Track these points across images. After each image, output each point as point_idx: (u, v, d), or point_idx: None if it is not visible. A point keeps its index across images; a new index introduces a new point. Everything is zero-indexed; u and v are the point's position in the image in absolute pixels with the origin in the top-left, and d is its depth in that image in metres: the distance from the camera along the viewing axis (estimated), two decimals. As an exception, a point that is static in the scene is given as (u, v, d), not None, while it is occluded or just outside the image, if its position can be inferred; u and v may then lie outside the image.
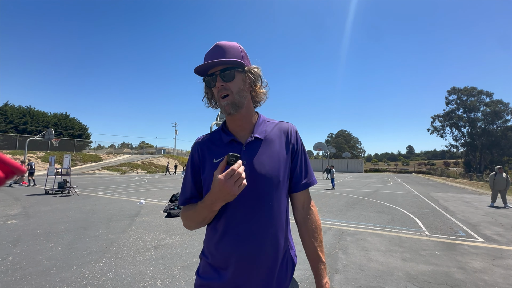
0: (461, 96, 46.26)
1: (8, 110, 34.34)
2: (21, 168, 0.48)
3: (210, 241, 0.90)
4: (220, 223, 0.87)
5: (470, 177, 35.33)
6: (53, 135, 20.72)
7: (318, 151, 29.50)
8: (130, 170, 29.31)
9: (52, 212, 6.50)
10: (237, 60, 0.85)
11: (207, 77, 0.89)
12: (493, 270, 3.35)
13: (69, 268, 3.14)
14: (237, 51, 0.88)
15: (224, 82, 0.86)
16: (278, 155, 0.91)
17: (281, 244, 0.88)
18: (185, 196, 0.96)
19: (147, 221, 5.70)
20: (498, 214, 7.54)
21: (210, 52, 0.88)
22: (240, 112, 0.90)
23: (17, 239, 4.23)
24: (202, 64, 0.85)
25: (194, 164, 0.96)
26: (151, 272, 3.08)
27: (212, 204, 0.80)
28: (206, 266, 0.90)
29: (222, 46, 0.87)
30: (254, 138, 0.91)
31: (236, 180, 0.74)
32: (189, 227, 0.93)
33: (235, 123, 0.93)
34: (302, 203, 0.96)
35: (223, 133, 0.95)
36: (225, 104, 0.86)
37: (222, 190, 0.75)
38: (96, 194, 10.13)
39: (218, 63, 0.84)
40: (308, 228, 0.94)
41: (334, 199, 10.08)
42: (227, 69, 0.86)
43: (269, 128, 0.96)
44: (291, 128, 0.98)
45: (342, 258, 3.67)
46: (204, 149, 0.95)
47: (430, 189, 15.78)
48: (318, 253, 0.92)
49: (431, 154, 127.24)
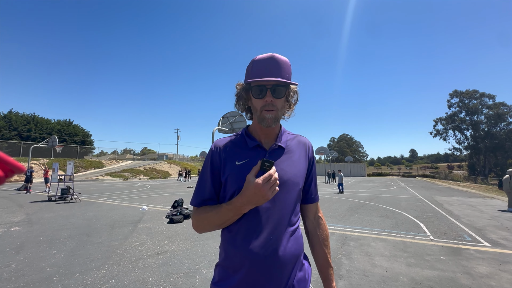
0: (463, 99, 46.19)
1: (12, 117, 34.80)
2: (21, 166, 0.47)
3: (229, 244, 0.89)
4: (241, 226, 0.87)
5: (474, 181, 34.98)
6: (57, 142, 20.93)
7: (320, 155, 29.35)
8: (132, 176, 29.38)
9: (55, 218, 6.52)
10: (293, 82, 0.89)
11: (256, 86, 0.88)
12: (500, 275, 3.29)
13: (72, 275, 3.13)
14: (289, 69, 0.90)
15: (274, 98, 0.87)
16: (298, 165, 0.96)
17: (300, 244, 0.93)
18: (202, 197, 0.93)
19: (149, 227, 5.70)
20: (504, 218, 7.44)
21: (265, 62, 0.88)
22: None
23: (20, 246, 4.24)
24: (262, 79, 0.84)
25: (215, 165, 0.93)
26: (153, 279, 3.07)
27: (241, 207, 0.81)
28: (222, 272, 0.89)
29: (278, 61, 0.87)
30: (278, 147, 0.95)
31: (272, 185, 0.77)
32: (202, 229, 0.91)
33: (263, 131, 0.95)
34: (314, 214, 1.04)
35: (248, 137, 0.96)
36: (270, 117, 0.88)
37: (257, 193, 0.76)
38: (98, 201, 10.15)
39: (275, 81, 0.85)
40: (320, 236, 1.01)
41: (337, 203, 10.02)
42: (280, 86, 0.87)
43: (289, 139, 1.01)
44: (308, 142, 1.05)
45: (346, 263, 3.63)
46: (226, 150, 0.94)
47: (434, 193, 15.62)
48: (328, 259, 0.99)
49: (435, 158, 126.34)
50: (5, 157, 0.46)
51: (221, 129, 9.55)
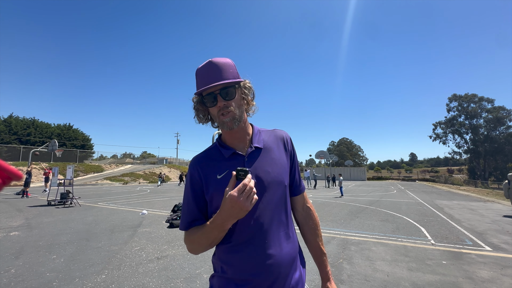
0: (462, 102, 46.36)
1: (12, 121, 34.85)
2: (18, 173, 0.46)
3: (223, 255, 0.88)
4: (233, 235, 0.86)
5: (475, 184, 34.91)
6: (57, 146, 20.93)
7: (320, 159, 29.31)
8: (132, 180, 29.29)
9: (55, 223, 6.49)
10: (238, 80, 0.89)
11: (206, 95, 0.88)
12: (502, 279, 3.28)
13: (71, 280, 3.11)
14: (233, 68, 0.90)
15: (226, 101, 0.87)
16: (279, 162, 0.95)
17: (296, 244, 0.94)
18: (188, 219, 0.91)
19: (149, 231, 5.67)
20: (505, 222, 7.41)
21: (205, 71, 0.88)
22: (239, 126, 0.91)
23: (20, 251, 4.21)
24: (206, 88, 0.84)
25: (195, 184, 0.92)
26: (153, 284, 3.05)
27: (223, 223, 0.78)
28: (221, 282, 0.87)
29: (217, 64, 0.87)
30: (255, 148, 0.93)
31: (249, 195, 0.73)
32: (195, 251, 0.89)
33: (234, 136, 0.94)
34: (302, 205, 1.04)
35: (222, 147, 0.95)
36: (228, 120, 0.87)
37: (235, 207, 0.73)
38: (98, 205, 10.11)
39: (220, 85, 0.85)
40: (310, 226, 1.02)
41: (338, 207, 9.98)
42: (227, 88, 0.87)
43: (265, 136, 0.99)
44: (286, 135, 1.03)
45: (347, 268, 3.61)
46: (204, 167, 0.92)
47: (435, 196, 15.57)
48: (321, 247, 1.01)
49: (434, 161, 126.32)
50: (3, 164, 0.45)
51: (221, 133, 9.55)
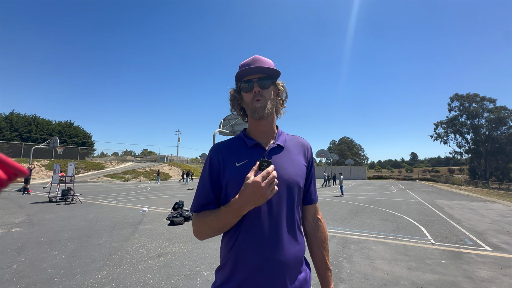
0: (464, 102, 46.12)
1: (13, 118, 34.88)
2: (23, 170, 0.46)
3: (230, 248, 0.87)
4: (242, 228, 0.85)
5: (475, 184, 34.86)
6: (58, 143, 20.99)
7: (321, 158, 29.32)
8: (133, 177, 29.36)
9: (56, 220, 6.53)
10: (276, 69, 0.93)
11: (243, 83, 0.94)
12: (501, 279, 3.29)
13: (73, 276, 3.14)
14: (273, 67, 0.95)
15: (261, 89, 0.92)
16: (298, 164, 0.96)
17: (302, 245, 0.93)
18: (201, 202, 0.92)
19: (150, 229, 5.70)
20: (504, 222, 7.42)
21: (248, 61, 0.96)
22: (267, 119, 0.94)
23: (21, 247, 4.24)
24: (246, 68, 0.91)
25: (213, 169, 0.93)
26: (154, 280, 3.07)
27: (240, 208, 0.78)
28: (224, 275, 0.87)
29: (261, 59, 0.95)
30: (277, 145, 0.95)
31: (271, 183, 0.75)
32: (203, 235, 0.89)
33: (260, 129, 0.96)
34: (312, 215, 1.03)
35: (246, 138, 0.97)
36: (259, 106, 0.91)
37: (256, 192, 0.74)
38: (99, 202, 10.15)
39: (258, 70, 0.91)
40: (318, 238, 1.00)
41: (338, 206, 10.00)
42: (265, 78, 0.93)
43: (288, 139, 1.02)
44: (307, 143, 1.05)
45: (346, 267, 3.62)
46: (224, 153, 0.94)
47: (435, 196, 15.58)
48: (326, 262, 0.98)
49: (435, 161, 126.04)
50: (8, 161, 0.45)
51: (222, 131, 9.56)
